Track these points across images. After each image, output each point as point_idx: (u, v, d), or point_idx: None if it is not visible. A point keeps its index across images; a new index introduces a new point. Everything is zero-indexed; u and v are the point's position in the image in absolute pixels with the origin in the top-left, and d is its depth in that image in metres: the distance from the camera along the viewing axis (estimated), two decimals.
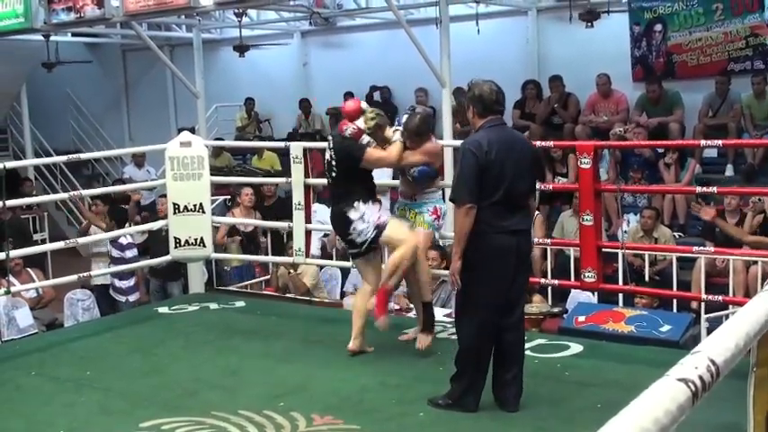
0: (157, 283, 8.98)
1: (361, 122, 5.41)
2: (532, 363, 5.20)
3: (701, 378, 1.32)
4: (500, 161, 4.29)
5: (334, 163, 5.41)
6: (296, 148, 6.60)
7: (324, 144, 11.72)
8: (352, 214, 5.28)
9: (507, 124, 4.91)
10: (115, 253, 8.82)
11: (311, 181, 6.71)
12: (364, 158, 5.34)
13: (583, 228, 5.60)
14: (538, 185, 5.44)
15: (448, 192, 5.54)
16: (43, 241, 11.73)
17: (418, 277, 5.53)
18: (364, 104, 5.63)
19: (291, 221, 6.70)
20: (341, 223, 5.39)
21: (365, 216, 5.28)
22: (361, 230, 5.27)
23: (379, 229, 5.27)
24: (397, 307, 6.80)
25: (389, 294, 5.41)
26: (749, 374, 1.97)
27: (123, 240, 8.75)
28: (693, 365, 1.34)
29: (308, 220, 6.67)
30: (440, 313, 5.81)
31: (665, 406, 1.21)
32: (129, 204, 10.35)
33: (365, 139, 5.38)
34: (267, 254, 8.96)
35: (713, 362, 1.37)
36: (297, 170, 6.56)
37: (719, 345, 1.45)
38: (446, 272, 6.72)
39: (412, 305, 5.92)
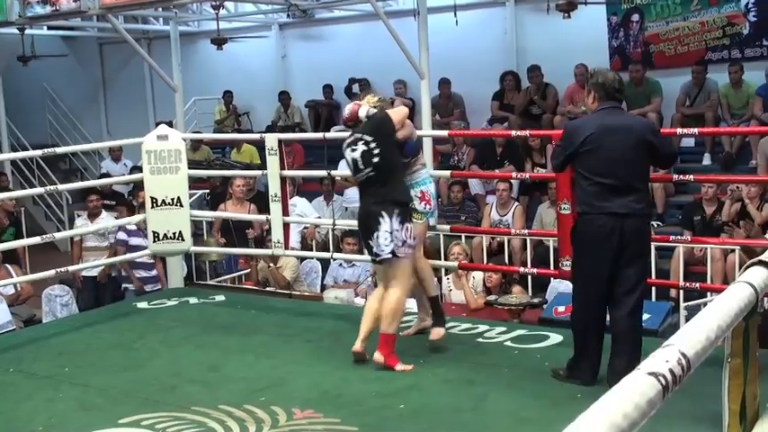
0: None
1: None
2: (512, 354, 5.25)
3: (671, 371, 1.32)
4: (597, 144, 4.50)
5: (374, 147, 5.03)
6: (271, 140, 6.58)
7: (303, 135, 11.80)
8: (383, 224, 4.98)
9: (623, 109, 5.05)
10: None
11: (287, 173, 6.69)
12: (394, 119, 5.12)
13: (561, 216, 5.62)
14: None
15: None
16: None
17: (419, 274, 5.47)
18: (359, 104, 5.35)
19: (269, 214, 6.68)
20: (369, 223, 5.08)
21: (394, 234, 5.01)
22: (381, 244, 5.02)
23: (394, 255, 5.04)
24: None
25: (394, 342, 5.08)
26: (724, 365, 1.98)
27: (131, 228, 8.55)
28: (664, 359, 1.34)
29: (285, 212, 6.65)
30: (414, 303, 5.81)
31: (634, 400, 1.21)
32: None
33: (364, 108, 5.19)
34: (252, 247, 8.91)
35: (684, 355, 1.37)
36: (272, 162, 6.54)
37: (690, 337, 1.45)
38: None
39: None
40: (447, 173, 8.28)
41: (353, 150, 5.10)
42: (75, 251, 9.21)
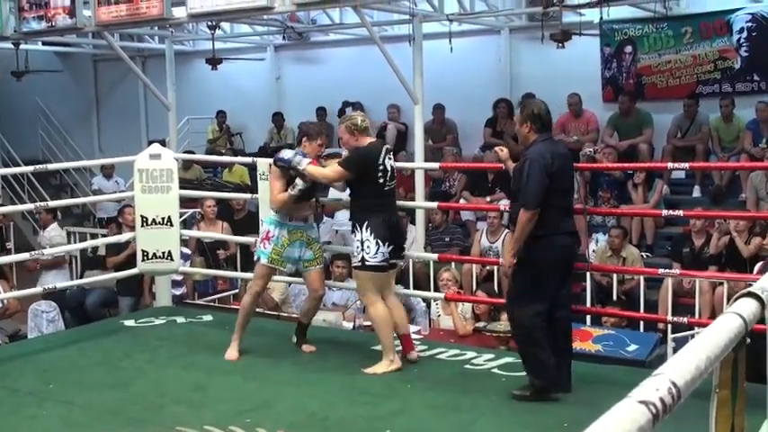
0: (128, 302, 8.89)
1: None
2: (500, 381, 5.23)
3: (662, 400, 1.33)
4: (559, 171, 4.78)
5: (391, 167, 5.50)
6: (263, 165, 6.56)
7: None
8: (409, 235, 5.68)
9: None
10: None
11: None
12: None
13: None
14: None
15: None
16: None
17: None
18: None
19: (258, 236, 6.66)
20: (402, 231, 5.80)
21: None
22: (406, 250, 5.81)
23: None
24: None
25: None
26: (711, 396, 1.99)
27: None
28: (655, 387, 1.34)
29: None
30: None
31: (625, 428, 1.21)
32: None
33: None
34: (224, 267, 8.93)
35: (674, 384, 1.38)
36: (263, 187, 6.51)
37: (681, 367, 1.46)
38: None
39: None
40: (434, 204, 8.27)
41: (389, 159, 5.42)
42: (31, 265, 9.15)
